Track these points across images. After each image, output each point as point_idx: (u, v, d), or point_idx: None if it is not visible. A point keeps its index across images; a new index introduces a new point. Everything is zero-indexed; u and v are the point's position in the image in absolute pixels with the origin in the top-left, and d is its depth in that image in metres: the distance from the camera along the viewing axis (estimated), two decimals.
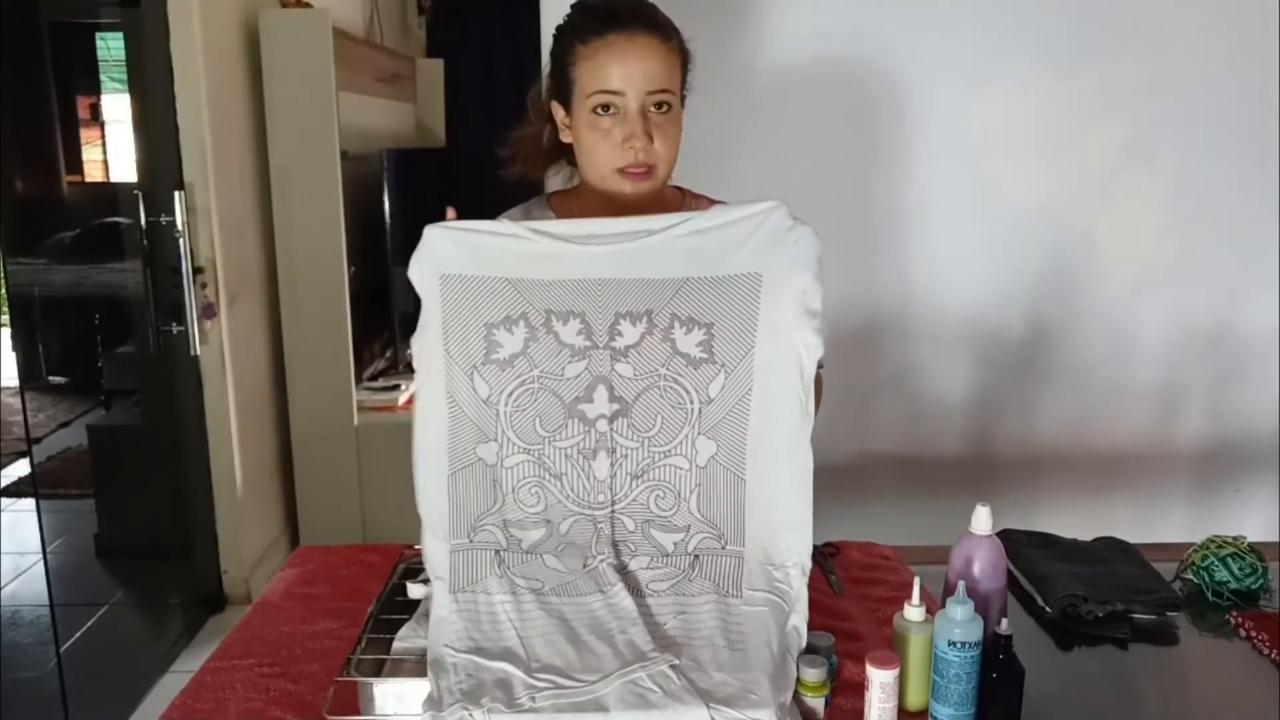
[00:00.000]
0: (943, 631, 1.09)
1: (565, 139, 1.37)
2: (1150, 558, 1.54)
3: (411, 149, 4.26)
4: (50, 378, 3.79)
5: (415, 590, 1.31)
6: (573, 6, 1.34)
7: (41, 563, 2.62)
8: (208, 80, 2.81)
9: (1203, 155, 2.28)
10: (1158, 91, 2.26)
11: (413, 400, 1.27)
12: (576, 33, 1.30)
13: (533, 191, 1.51)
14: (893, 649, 1.15)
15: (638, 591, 1.20)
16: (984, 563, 1.19)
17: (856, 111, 2.29)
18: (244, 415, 3.06)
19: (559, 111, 1.36)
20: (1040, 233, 2.33)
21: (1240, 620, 1.40)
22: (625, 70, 1.26)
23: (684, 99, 1.34)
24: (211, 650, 1.32)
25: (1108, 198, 2.32)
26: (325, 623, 1.36)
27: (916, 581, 1.17)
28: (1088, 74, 2.25)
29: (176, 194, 2.75)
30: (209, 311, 2.86)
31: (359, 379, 3.42)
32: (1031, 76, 2.26)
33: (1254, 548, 1.50)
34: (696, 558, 1.22)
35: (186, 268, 2.76)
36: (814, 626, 1.18)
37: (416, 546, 1.46)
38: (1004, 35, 2.24)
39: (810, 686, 1.11)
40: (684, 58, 1.33)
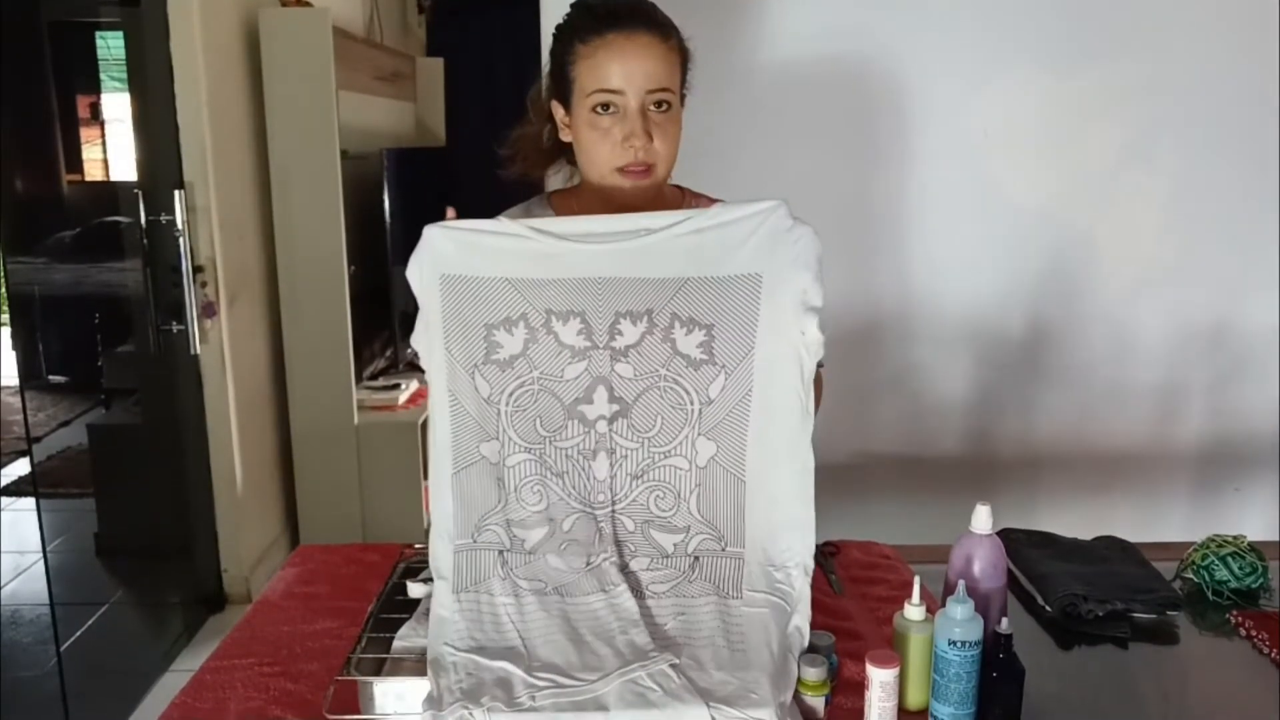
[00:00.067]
0: (943, 631, 1.09)
1: (565, 138, 1.37)
2: (1150, 557, 1.54)
3: (411, 148, 4.26)
4: (50, 377, 3.77)
5: (415, 589, 1.31)
6: (572, 6, 1.34)
7: (41, 562, 2.61)
8: (208, 79, 2.81)
9: (1203, 155, 2.28)
10: (1158, 91, 2.26)
11: (413, 400, 1.28)
12: (576, 32, 1.30)
13: (533, 191, 1.51)
14: (893, 648, 1.15)
15: (638, 593, 1.20)
16: (984, 562, 1.19)
17: (856, 111, 2.30)
18: (244, 414, 3.06)
19: (559, 110, 1.36)
20: (1040, 233, 2.33)
21: (1240, 619, 1.40)
22: (625, 69, 1.26)
23: (684, 98, 1.34)
24: (211, 649, 1.32)
25: (1108, 198, 2.32)
26: (325, 622, 1.36)
27: (917, 581, 1.17)
28: (1088, 74, 2.25)
29: (176, 193, 2.75)
30: (209, 310, 2.86)
31: (359, 378, 3.42)
32: (1031, 76, 2.26)
33: (1254, 547, 1.50)
34: (696, 559, 1.21)
35: (186, 267, 2.76)
36: (814, 625, 1.18)
37: (416, 546, 1.47)
38: (1004, 35, 2.24)
39: (810, 685, 1.11)
40: (684, 57, 1.33)
